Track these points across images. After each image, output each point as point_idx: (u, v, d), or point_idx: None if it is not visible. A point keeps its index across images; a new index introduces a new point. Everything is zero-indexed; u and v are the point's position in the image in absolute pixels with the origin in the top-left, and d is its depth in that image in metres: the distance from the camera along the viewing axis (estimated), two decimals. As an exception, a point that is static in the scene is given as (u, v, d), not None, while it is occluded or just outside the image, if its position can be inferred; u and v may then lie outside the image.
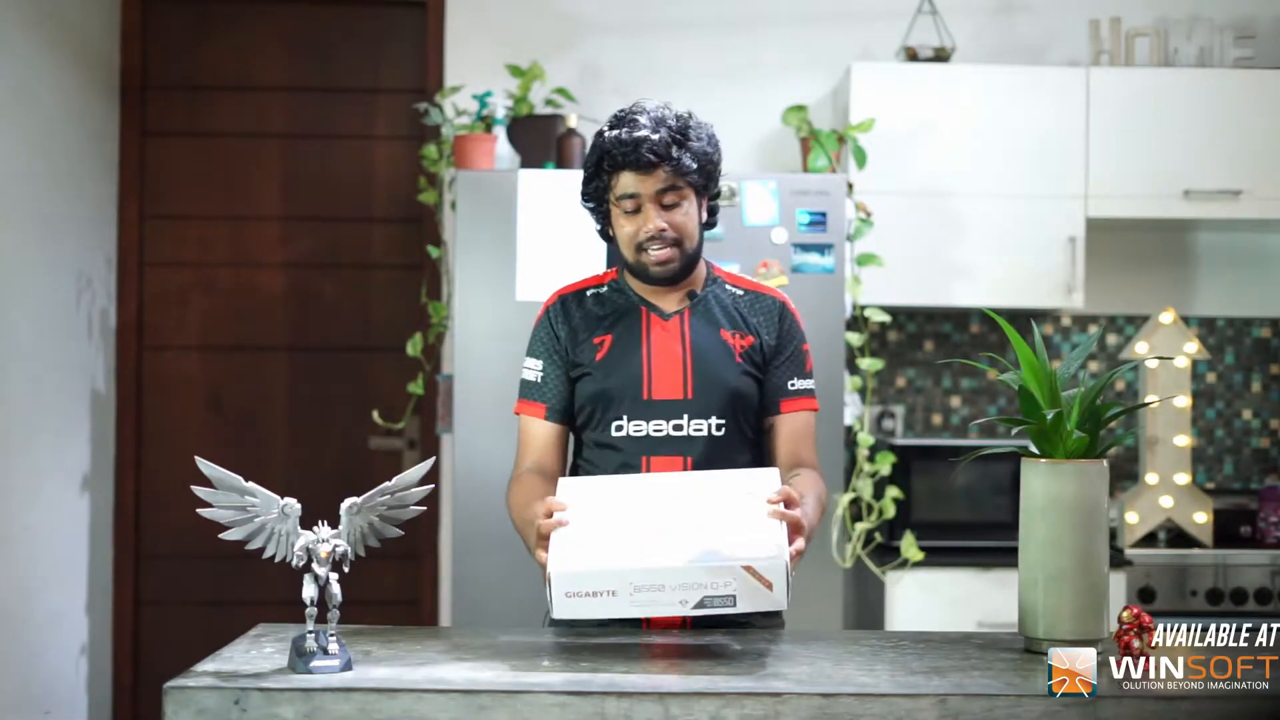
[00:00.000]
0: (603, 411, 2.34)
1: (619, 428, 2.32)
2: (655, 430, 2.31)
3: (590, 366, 2.35)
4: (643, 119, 2.29)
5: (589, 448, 2.39)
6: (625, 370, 2.33)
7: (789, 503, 2.04)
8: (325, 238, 4.41)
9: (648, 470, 2.30)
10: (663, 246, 2.30)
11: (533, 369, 2.39)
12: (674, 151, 2.27)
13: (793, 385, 2.38)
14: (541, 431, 2.39)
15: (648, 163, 2.26)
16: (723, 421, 2.32)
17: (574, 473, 2.44)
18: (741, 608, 1.87)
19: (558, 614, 1.90)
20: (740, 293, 2.41)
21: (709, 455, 2.31)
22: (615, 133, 2.29)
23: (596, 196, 2.35)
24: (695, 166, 2.29)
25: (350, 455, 4.36)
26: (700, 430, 2.31)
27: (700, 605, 1.86)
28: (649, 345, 2.34)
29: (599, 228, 2.41)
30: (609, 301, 2.39)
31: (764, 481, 2.09)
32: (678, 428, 2.31)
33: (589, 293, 2.41)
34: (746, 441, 2.37)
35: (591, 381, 2.34)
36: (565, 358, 2.37)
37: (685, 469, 2.29)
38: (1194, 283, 4.40)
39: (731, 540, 1.93)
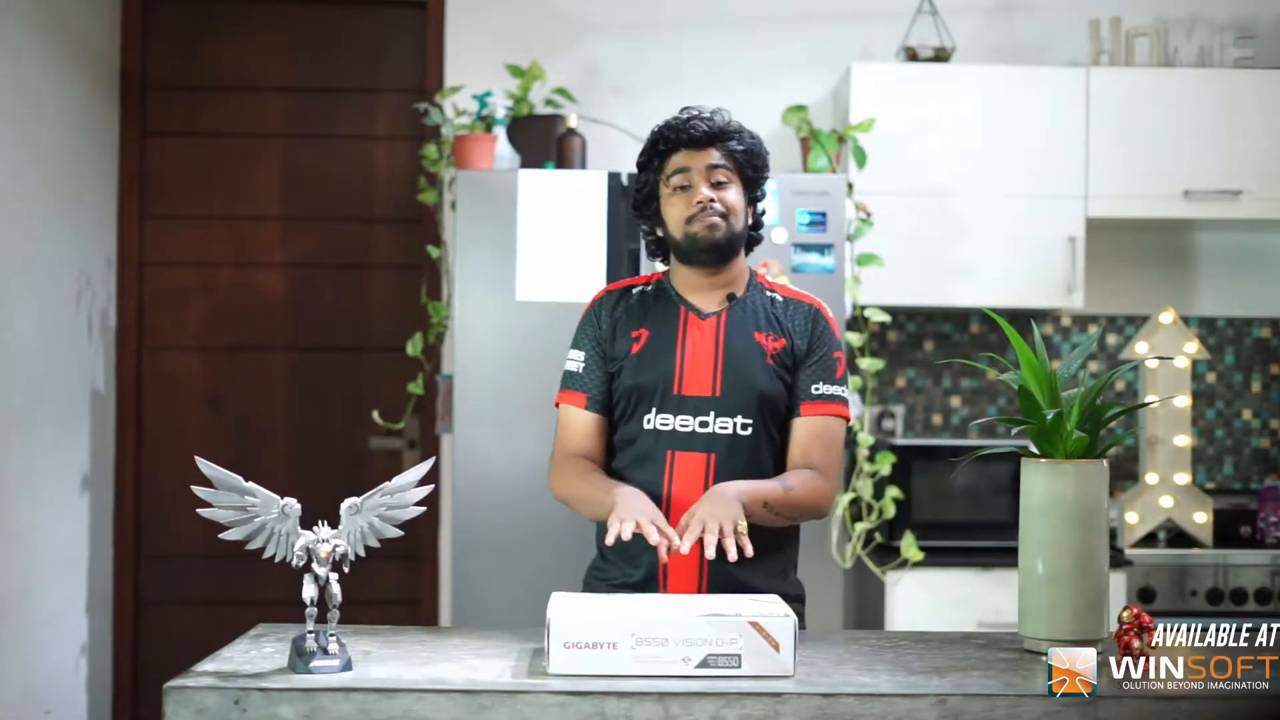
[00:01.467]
0: (635, 405, 2.38)
1: (648, 421, 2.37)
2: (682, 425, 2.36)
3: (625, 360, 2.40)
4: (694, 109, 2.42)
5: (616, 444, 2.43)
6: (658, 365, 2.38)
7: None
8: (325, 238, 4.41)
9: (671, 466, 2.34)
10: (711, 215, 2.35)
11: (575, 359, 2.44)
12: (724, 133, 2.38)
13: (816, 389, 2.39)
14: (581, 420, 2.42)
15: (700, 137, 2.36)
16: (749, 421, 2.36)
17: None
18: (746, 670, 1.85)
19: (554, 668, 1.86)
20: (779, 298, 2.45)
21: (733, 453, 2.35)
22: (667, 120, 2.42)
23: (649, 192, 2.42)
24: (742, 149, 2.39)
25: (350, 455, 4.36)
26: (726, 428, 2.35)
27: (703, 664, 1.85)
28: (684, 343, 2.39)
29: (649, 239, 2.47)
30: (651, 299, 2.45)
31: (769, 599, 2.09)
32: (704, 424, 2.35)
33: (635, 290, 2.48)
34: (772, 444, 2.40)
35: (625, 375, 2.40)
36: (605, 349, 2.43)
37: (709, 467, 2.33)
38: (1194, 283, 4.40)
39: (740, 603, 1.97)
